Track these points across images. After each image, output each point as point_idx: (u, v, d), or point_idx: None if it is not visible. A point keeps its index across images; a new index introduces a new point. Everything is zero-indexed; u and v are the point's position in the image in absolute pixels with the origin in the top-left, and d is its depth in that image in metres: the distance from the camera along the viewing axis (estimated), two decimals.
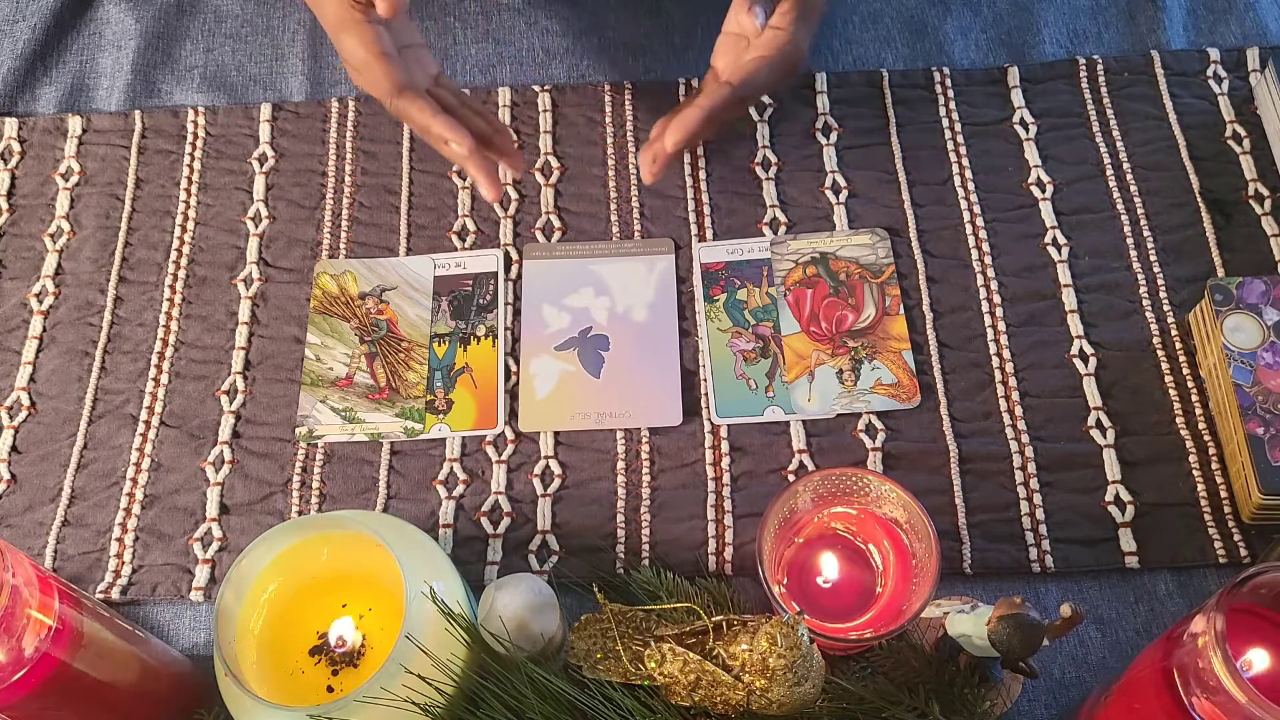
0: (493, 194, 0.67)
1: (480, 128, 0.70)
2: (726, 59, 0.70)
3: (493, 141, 0.70)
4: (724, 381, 0.72)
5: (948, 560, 0.65)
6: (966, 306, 0.74)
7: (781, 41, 0.68)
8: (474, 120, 0.70)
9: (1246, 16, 0.84)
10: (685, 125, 0.67)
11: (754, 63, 0.68)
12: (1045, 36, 0.84)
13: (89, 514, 0.70)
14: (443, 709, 0.53)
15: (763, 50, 0.68)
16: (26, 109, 0.85)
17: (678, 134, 0.67)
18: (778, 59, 0.68)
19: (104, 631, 0.54)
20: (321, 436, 0.71)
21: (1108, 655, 0.64)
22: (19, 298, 0.77)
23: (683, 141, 0.67)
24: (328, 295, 0.76)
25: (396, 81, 0.66)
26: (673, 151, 0.67)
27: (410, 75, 0.68)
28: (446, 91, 0.71)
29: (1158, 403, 0.70)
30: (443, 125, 0.65)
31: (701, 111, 0.66)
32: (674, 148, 0.67)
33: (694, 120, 0.66)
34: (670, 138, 0.67)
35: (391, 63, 0.66)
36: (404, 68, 0.67)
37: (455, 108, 0.70)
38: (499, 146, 0.70)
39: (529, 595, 0.56)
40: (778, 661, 0.50)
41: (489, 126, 0.70)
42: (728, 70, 0.69)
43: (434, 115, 0.65)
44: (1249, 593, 0.47)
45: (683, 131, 0.67)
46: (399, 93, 0.66)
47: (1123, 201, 0.77)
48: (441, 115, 0.65)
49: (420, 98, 0.66)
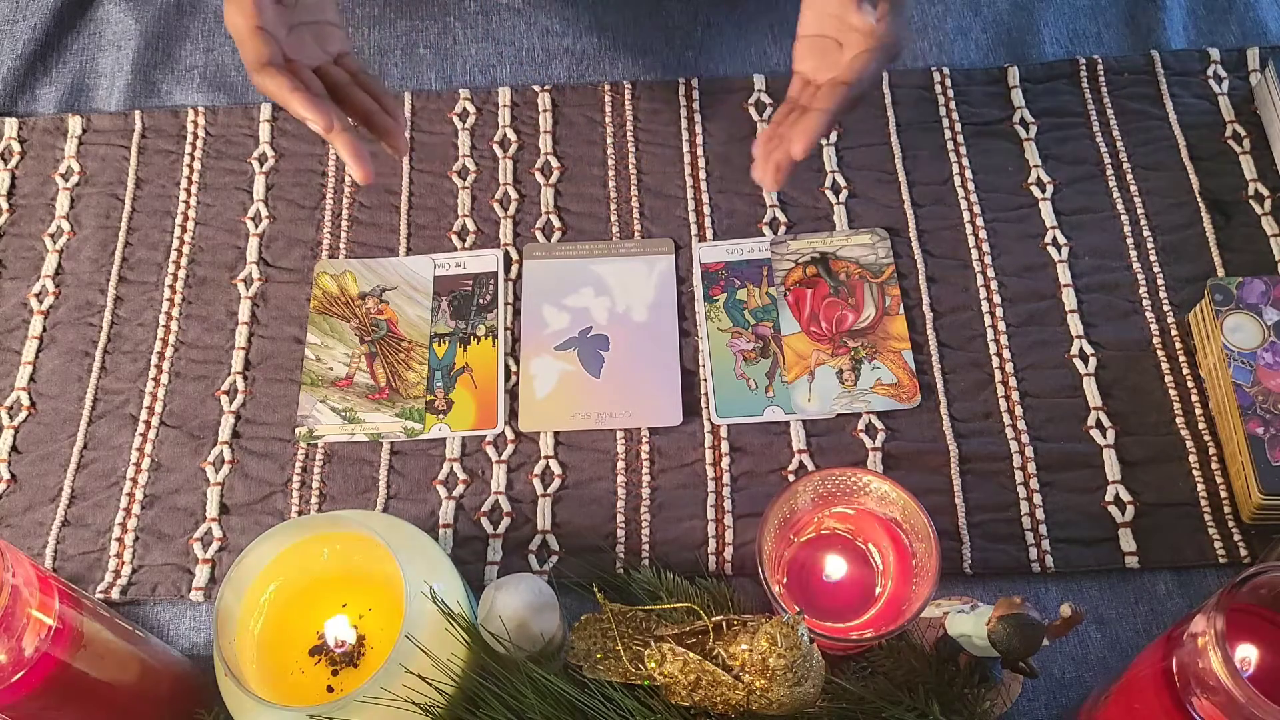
0: (359, 174, 0.65)
1: (361, 104, 0.67)
2: (814, 61, 0.69)
3: (374, 120, 0.67)
4: (724, 381, 0.72)
5: (948, 560, 0.65)
6: (966, 306, 0.74)
7: (882, 33, 0.67)
8: (359, 100, 0.67)
9: (1246, 16, 0.84)
10: (813, 131, 0.65)
11: (863, 58, 0.67)
12: (1045, 36, 0.84)
13: (89, 514, 0.70)
14: (443, 709, 0.53)
15: (867, 44, 0.67)
16: (26, 109, 0.85)
17: (805, 140, 0.65)
18: (882, 51, 0.67)
19: (104, 631, 0.54)
20: (321, 436, 0.71)
21: (1108, 655, 0.64)
22: (19, 298, 0.77)
23: (810, 148, 0.66)
24: (328, 295, 0.76)
25: (261, 56, 0.63)
26: (800, 159, 0.66)
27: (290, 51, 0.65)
28: (340, 70, 0.69)
29: (1158, 403, 0.70)
30: (299, 102, 0.63)
31: (828, 115, 0.66)
32: (802, 156, 0.66)
33: (821, 125, 0.66)
34: (798, 145, 0.65)
35: (262, 38, 0.63)
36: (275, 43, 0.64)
37: (342, 86, 0.67)
38: (380, 125, 0.67)
39: (529, 595, 0.56)
40: (778, 661, 0.50)
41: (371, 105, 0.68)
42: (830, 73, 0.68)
43: (291, 92, 0.63)
44: (1249, 593, 0.47)
45: (810, 138, 0.65)
46: (260, 68, 0.63)
47: (1123, 201, 0.77)
48: (300, 93, 0.63)
49: (281, 74, 0.63)
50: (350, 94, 0.67)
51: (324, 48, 0.69)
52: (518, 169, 0.80)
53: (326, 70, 0.68)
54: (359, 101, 0.67)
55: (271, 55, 0.63)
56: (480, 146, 0.81)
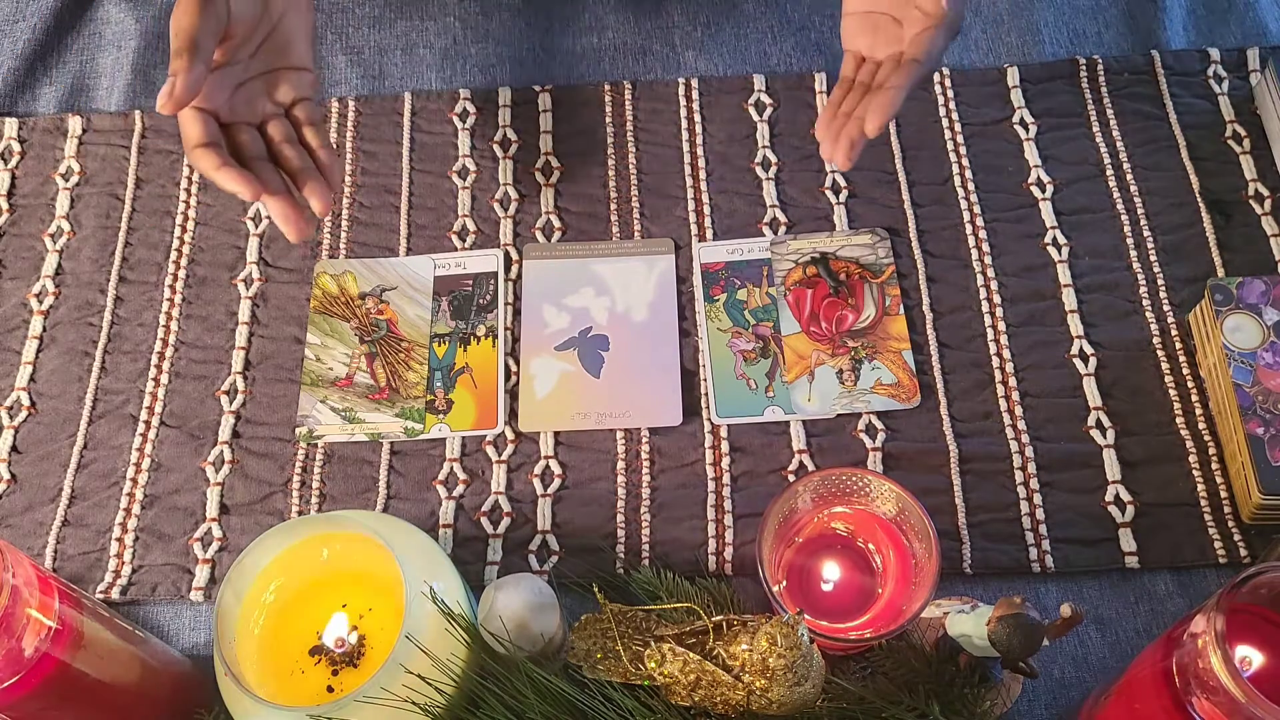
0: (290, 233, 0.64)
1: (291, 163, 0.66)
2: (869, 39, 0.69)
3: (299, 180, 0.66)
4: (724, 381, 0.72)
5: (948, 560, 0.65)
6: (966, 306, 0.74)
7: (944, 7, 0.66)
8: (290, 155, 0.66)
9: (1246, 16, 0.84)
10: (888, 108, 0.65)
11: (929, 34, 0.66)
12: (1045, 36, 0.84)
13: (89, 514, 0.70)
14: (443, 709, 0.53)
15: (931, 21, 0.67)
16: (26, 109, 0.85)
17: (881, 118, 0.65)
18: (946, 26, 0.67)
19: (104, 631, 0.54)
20: (321, 436, 0.71)
21: (1108, 655, 0.64)
22: (19, 298, 0.77)
23: (885, 126, 0.65)
24: (328, 295, 0.76)
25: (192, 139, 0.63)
26: (873, 136, 0.66)
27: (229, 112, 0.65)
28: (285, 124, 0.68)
29: (1158, 403, 0.70)
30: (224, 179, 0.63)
31: (900, 92, 0.65)
32: (876, 133, 0.66)
33: (895, 103, 0.65)
34: (873, 123, 0.65)
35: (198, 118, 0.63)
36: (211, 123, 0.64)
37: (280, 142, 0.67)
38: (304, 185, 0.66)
39: (529, 595, 0.56)
40: (778, 661, 0.50)
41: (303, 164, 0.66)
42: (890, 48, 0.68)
43: (217, 169, 0.63)
44: (1249, 593, 0.47)
45: (886, 115, 0.65)
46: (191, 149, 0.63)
47: (1123, 201, 0.77)
48: (225, 168, 0.63)
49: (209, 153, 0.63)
50: (283, 151, 0.66)
51: (274, 98, 0.68)
52: (518, 169, 0.80)
53: (268, 128, 0.67)
54: (289, 160, 0.66)
55: (203, 137, 0.63)
56: (480, 146, 0.81)
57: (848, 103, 0.68)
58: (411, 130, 0.82)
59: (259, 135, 0.66)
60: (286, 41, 0.67)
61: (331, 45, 0.86)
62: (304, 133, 0.68)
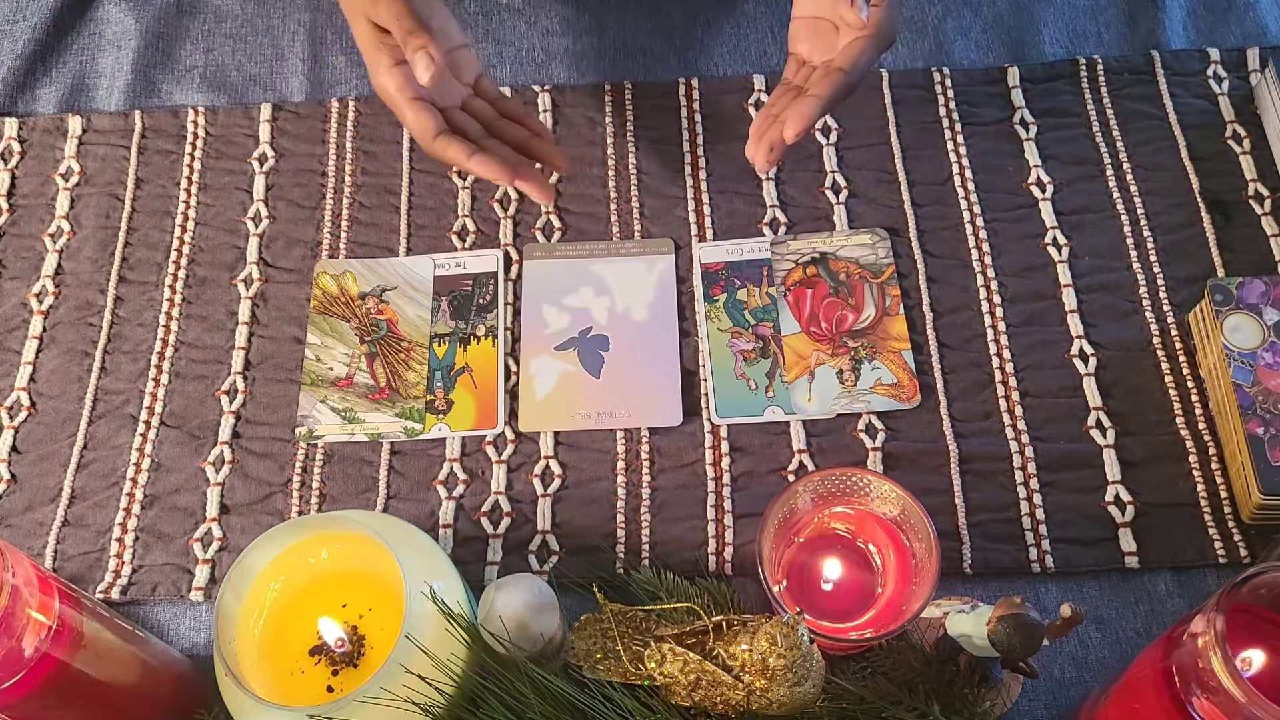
0: (544, 199, 0.68)
1: (517, 137, 0.70)
2: (810, 43, 0.70)
3: (530, 147, 0.70)
4: (724, 381, 0.72)
5: (948, 560, 0.65)
6: (966, 306, 0.74)
7: (879, 19, 0.67)
8: (511, 131, 0.71)
9: (1246, 16, 0.84)
10: (807, 116, 0.66)
11: (859, 45, 0.67)
12: (1045, 36, 0.84)
13: (89, 514, 0.70)
14: (443, 709, 0.53)
15: (864, 31, 0.67)
16: (26, 109, 0.85)
17: (799, 125, 0.66)
18: (877, 40, 0.68)
19: (104, 631, 0.54)
20: (321, 436, 0.71)
21: (1108, 655, 0.64)
22: (19, 298, 0.77)
23: (804, 132, 0.66)
24: (328, 295, 0.76)
25: (428, 129, 0.66)
26: (792, 143, 0.67)
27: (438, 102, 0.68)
28: (484, 103, 0.72)
29: (1158, 403, 0.70)
30: (479, 166, 0.66)
31: (822, 101, 0.66)
32: (795, 139, 0.66)
33: (815, 110, 0.66)
34: (791, 129, 0.66)
35: (422, 108, 0.66)
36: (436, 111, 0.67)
37: (491, 121, 0.71)
38: (538, 151, 0.71)
39: (529, 595, 0.56)
40: (778, 661, 0.50)
41: (526, 131, 0.71)
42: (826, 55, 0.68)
43: (470, 157, 0.66)
44: (1249, 593, 0.47)
45: (805, 122, 0.66)
46: (432, 139, 0.67)
47: (1123, 201, 0.77)
48: (478, 155, 0.66)
49: (454, 142, 0.66)
50: (501, 128, 0.70)
51: (462, 80, 0.71)
52: None
53: (473, 108, 0.71)
54: (512, 134, 0.70)
55: (437, 125, 0.67)
56: None
57: (778, 105, 0.69)
58: None
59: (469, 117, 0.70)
60: (442, 25, 0.69)
61: (331, 45, 0.86)
62: (501, 106, 0.72)
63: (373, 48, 0.67)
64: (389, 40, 0.66)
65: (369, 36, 0.67)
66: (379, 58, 0.67)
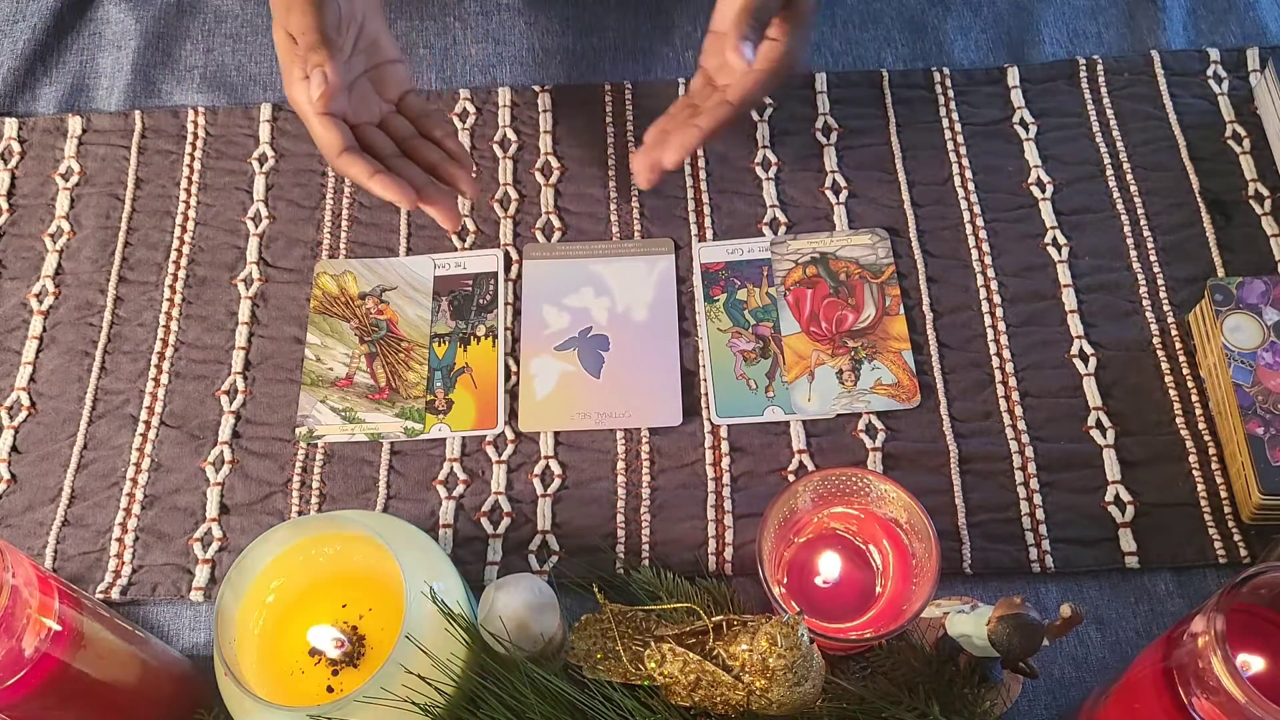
0: (449, 225, 0.67)
1: (429, 158, 0.69)
2: (718, 59, 0.70)
3: (441, 169, 0.69)
4: (724, 381, 0.72)
5: (948, 560, 0.65)
6: (966, 306, 0.74)
7: (779, 53, 0.68)
8: (425, 152, 0.69)
9: (1246, 16, 0.84)
10: (686, 146, 0.68)
11: (753, 78, 0.68)
12: (1045, 36, 0.84)
13: (89, 514, 0.70)
14: (443, 709, 0.53)
15: (762, 64, 0.68)
16: (26, 109, 0.85)
17: (678, 154, 0.68)
18: (776, 71, 0.69)
19: (104, 632, 0.54)
20: (321, 436, 0.71)
21: (1108, 655, 0.64)
22: (19, 298, 0.77)
23: (680, 162, 0.69)
24: (328, 295, 0.76)
25: (334, 145, 0.65)
26: (672, 168, 0.69)
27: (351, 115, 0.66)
28: (403, 120, 0.70)
29: (1158, 403, 0.70)
30: (379, 186, 0.65)
31: (702, 132, 0.68)
32: (674, 165, 0.69)
33: (695, 140, 0.68)
34: (671, 156, 0.68)
35: (331, 123, 0.65)
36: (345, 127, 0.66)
37: (406, 139, 0.69)
38: (447, 174, 0.69)
39: (529, 595, 0.56)
40: (778, 661, 0.50)
41: (441, 153, 0.69)
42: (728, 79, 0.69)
43: (371, 176, 0.65)
44: (1249, 593, 0.47)
45: (684, 151, 0.68)
46: (338, 154, 0.65)
47: (1123, 201, 0.77)
48: (379, 176, 0.65)
49: (357, 159, 0.65)
50: (415, 147, 0.69)
51: (384, 95, 0.70)
52: (518, 169, 0.80)
53: (390, 125, 0.70)
54: (424, 155, 0.69)
55: (344, 141, 0.65)
56: (480, 146, 0.81)
57: (673, 123, 0.70)
58: None
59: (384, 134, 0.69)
60: (375, 36, 0.69)
61: None
62: (421, 125, 0.70)
63: (286, 57, 0.65)
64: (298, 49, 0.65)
65: (284, 45, 0.65)
66: (292, 69, 0.65)
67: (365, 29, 0.68)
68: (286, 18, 0.64)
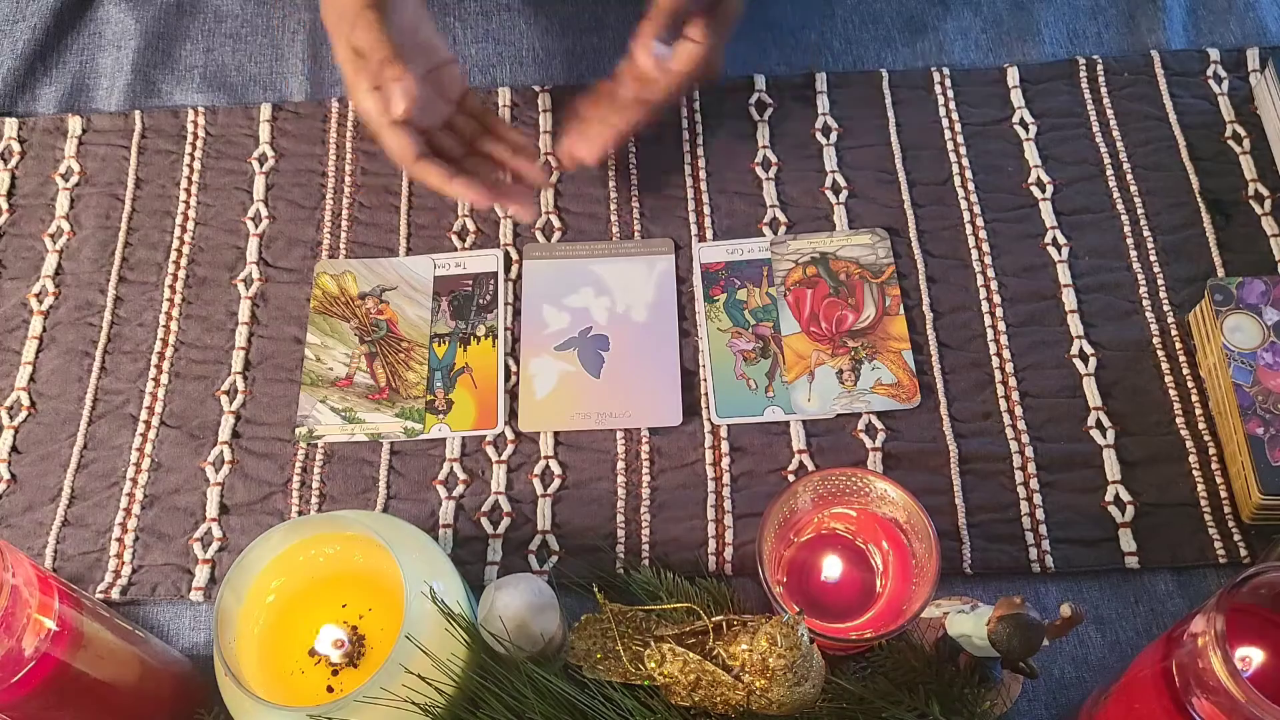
0: (529, 218, 0.70)
1: (500, 154, 0.71)
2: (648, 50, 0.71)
3: (513, 164, 0.72)
4: (724, 381, 0.72)
5: (948, 560, 0.65)
6: (966, 306, 0.74)
7: (699, 55, 0.70)
8: (495, 149, 0.71)
9: (1246, 16, 0.84)
10: (602, 145, 0.71)
11: (672, 79, 0.70)
12: (1045, 36, 0.84)
13: (89, 514, 0.70)
14: (443, 709, 0.53)
15: (681, 65, 0.70)
16: (26, 109, 0.85)
17: (595, 152, 0.71)
18: (694, 74, 0.71)
19: (104, 631, 0.54)
20: (321, 436, 0.71)
21: (1108, 655, 0.64)
22: (19, 298, 0.77)
23: (599, 160, 0.71)
24: (328, 295, 0.76)
25: (409, 153, 0.66)
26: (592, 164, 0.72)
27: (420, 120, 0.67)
28: (468, 119, 0.72)
29: (1158, 403, 0.70)
30: (459, 189, 0.67)
31: (617, 131, 0.71)
32: (593, 163, 0.72)
33: (611, 139, 0.71)
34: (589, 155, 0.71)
35: (403, 131, 0.66)
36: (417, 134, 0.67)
37: (475, 138, 0.71)
38: (519, 169, 0.72)
39: (529, 595, 0.56)
40: (778, 661, 0.50)
41: (509, 148, 0.72)
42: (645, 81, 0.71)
43: (449, 180, 0.66)
44: (1249, 593, 0.47)
45: (601, 150, 0.71)
46: (414, 162, 0.67)
47: (1123, 201, 0.77)
48: (458, 179, 0.67)
49: (434, 165, 0.67)
50: (485, 147, 0.71)
51: (446, 97, 0.71)
52: None
53: (456, 126, 0.71)
54: (495, 153, 0.72)
55: (417, 148, 0.67)
56: None
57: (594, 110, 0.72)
58: None
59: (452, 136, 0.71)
60: (427, 40, 0.70)
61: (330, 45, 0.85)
62: (486, 121, 0.72)
63: (352, 70, 0.65)
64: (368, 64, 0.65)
65: (348, 59, 0.65)
66: (359, 81, 0.65)
67: (419, 34, 0.69)
68: (351, 34, 0.64)
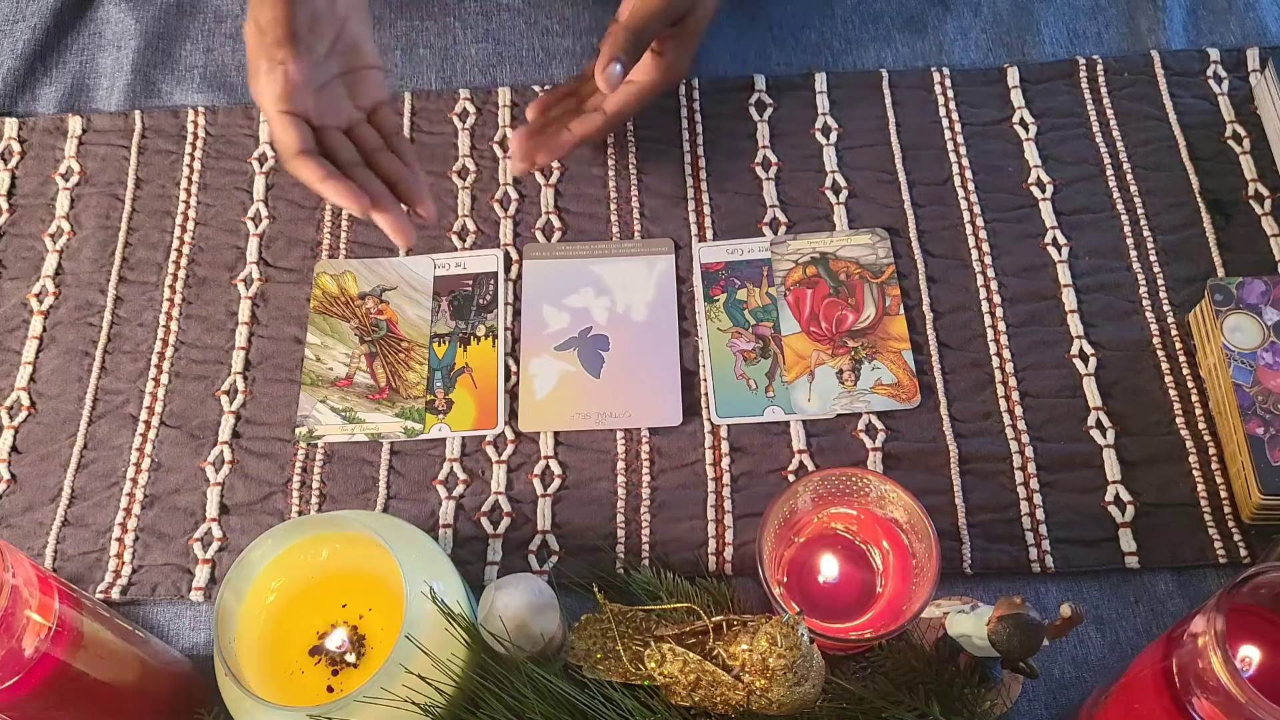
0: (401, 241, 0.65)
1: (393, 173, 0.67)
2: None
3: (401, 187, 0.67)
4: (724, 381, 0.72)
5: (948, 560, 0.65)
6: (966, 306, 0.74)
7: (664, 68, 0.70)
8: (390, 166, 0.67)
9: (1246, 16, 0.84)
10: (561, 150, 0.73)
11: (633, 90, 0.71)
12: (1045, 36, 0.84)
13: (89, 514, 0.70)
14: (443, 709, 0.53)
15: (643, 77, 0.70)
16: (26, 109, 0.85)
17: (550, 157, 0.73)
18: (654, 86, 0.72)
19: (104, 631, 0.54)
20: (321, 436, 0.71)
21: (1108, 655, 0.64)
22: (19, 298, 0.77)
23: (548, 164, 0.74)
24: (328, 295, 0.76)
25: (291, 146, 0.63)
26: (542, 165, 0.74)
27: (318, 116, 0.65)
28: (372, 131, 0.68)
29: (1158, 403, 0.70)
30: (331, 190, 0.63)
31: (574, 139, 0.72)
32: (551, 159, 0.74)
33: (568, 146, 0.72)
34: (543, 159, 0.73)
35: (291, 123, 0.63)
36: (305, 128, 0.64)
37: (374, 151, 0.67)
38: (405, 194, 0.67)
39: (529, 595, 0.56)
40: (778, 661, 0.50)
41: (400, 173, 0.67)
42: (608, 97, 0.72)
43: (323, 180, 0.63)
44: (1249, 593, 0.47)
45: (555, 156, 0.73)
46: (291, 156, 0.64)
47: (1123, 201, 0.77)
48: (331, 180, 0.62)
49: (311, 162, 0.63)
50: (379, 160, 0.67)
51: (357, 101, 0.69)
52: None
53: (357, 133, 0.68)
54: (386, 169, 0.67)
55: (302, 143, 0.64)
56: (480, 146, 0.81)
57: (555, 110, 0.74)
58: (411, 130, 0.82)
59: (349, 140, 0.67)
60: (355, 40, 0.68)
61: None
62: (391, 143, 0.69)
63: (253, 51, 0.64)
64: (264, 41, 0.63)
65: (252, 39, 0.64)
66: (258, 62, 0.64)
67: (346, 31, 0.67)
68: (258, 11, 0.62)
